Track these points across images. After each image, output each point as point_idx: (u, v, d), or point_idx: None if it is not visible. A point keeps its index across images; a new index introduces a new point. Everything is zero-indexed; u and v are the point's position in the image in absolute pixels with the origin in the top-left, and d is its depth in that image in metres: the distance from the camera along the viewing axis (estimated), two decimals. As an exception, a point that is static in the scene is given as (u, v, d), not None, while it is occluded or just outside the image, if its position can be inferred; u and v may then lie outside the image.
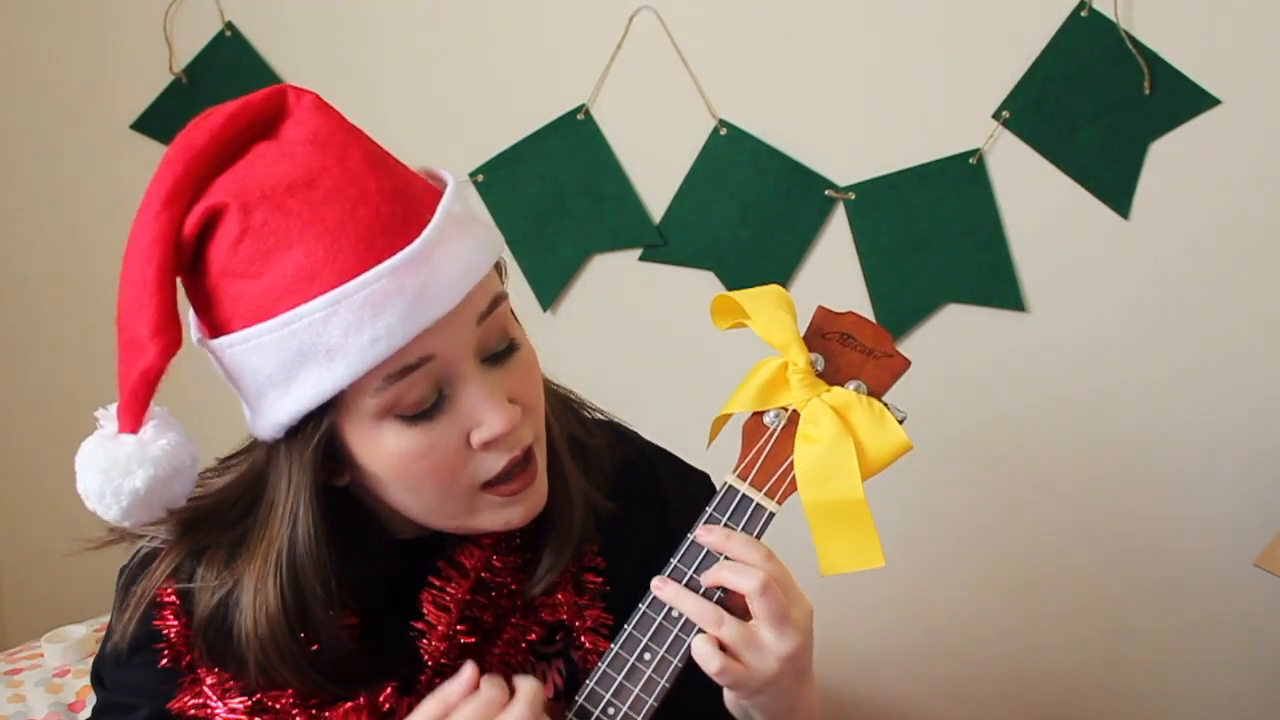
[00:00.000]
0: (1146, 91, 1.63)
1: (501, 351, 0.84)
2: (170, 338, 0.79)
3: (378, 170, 0.80)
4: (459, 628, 0.89)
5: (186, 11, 1.91)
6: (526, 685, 0.84)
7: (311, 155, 0.79)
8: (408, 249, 0.77)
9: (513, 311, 0.88)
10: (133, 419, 0.81)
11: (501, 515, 0.86)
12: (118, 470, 0.80)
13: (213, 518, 0.87)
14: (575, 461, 0.94)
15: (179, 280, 0.81)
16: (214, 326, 0.82)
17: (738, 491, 0.89)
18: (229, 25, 1.89)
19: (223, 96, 0.83)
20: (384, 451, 0.82)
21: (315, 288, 0.76)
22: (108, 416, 0.83)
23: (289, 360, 0.78)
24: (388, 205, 0.78)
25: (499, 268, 0.87)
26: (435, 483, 0.83)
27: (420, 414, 0.81)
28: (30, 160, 2.04)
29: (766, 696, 0.87)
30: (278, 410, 0.80)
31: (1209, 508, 1.72)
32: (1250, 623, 1.73)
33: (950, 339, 1.75)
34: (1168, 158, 1.65)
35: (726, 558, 0.87)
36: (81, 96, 1.99)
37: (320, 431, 0.81)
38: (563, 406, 0.96)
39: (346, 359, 0.77)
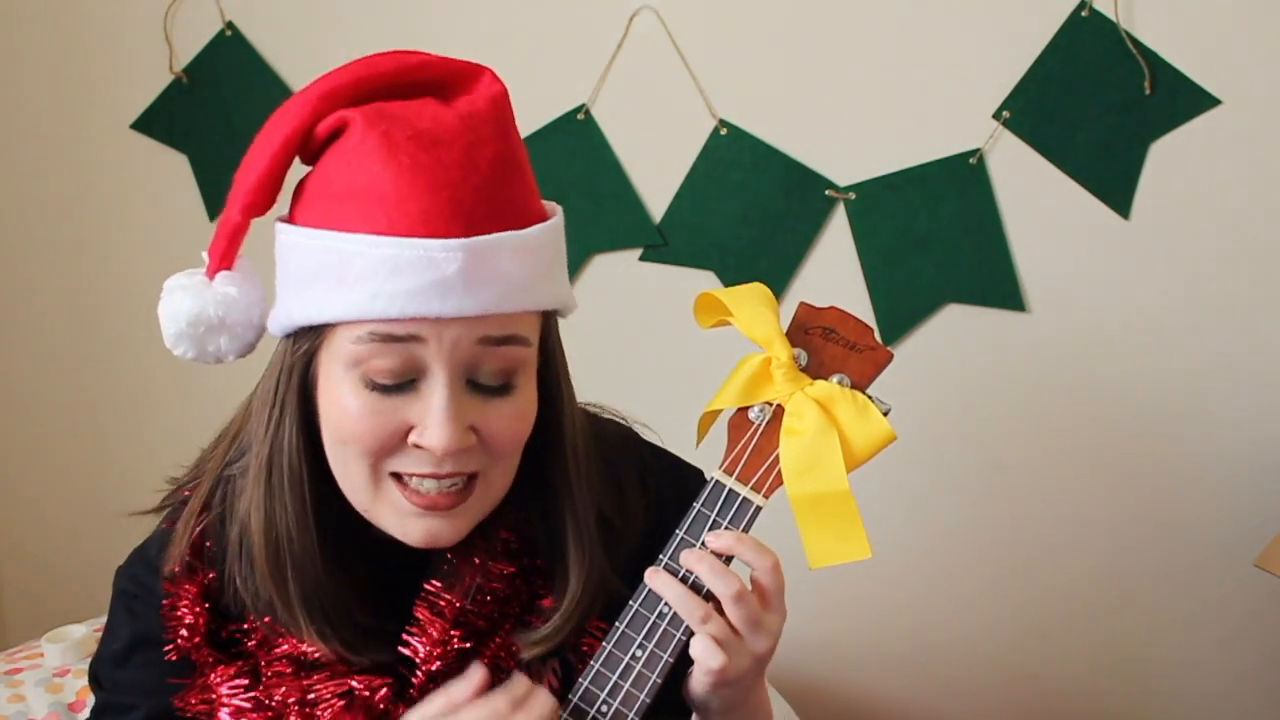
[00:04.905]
0: (1146, 91, 1.63)
1: (493, 387, 0.84)
2: (257, 200, 0.85)
3: (495, 171, 0.81)
4: (454, 633, 0.89)
5: (186, 11, 1.91)
6: (538, 701, 0.84)
7: (455, 125, 0.81)
8: (448, 240, 0.79)
9: (556, 372, 0.90)
10: (212, 263, 0.88)
11: (400, 523, 0.86)
12: (177, 294, 0.88)
13: (238, 435, 0.92)
14: (600, 538, 0.93)
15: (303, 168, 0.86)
16: (290, 214, 0.87)
17: (724, 486, 0.90)
18: (229, 25, 1.89)
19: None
20: (335, 399, 0.83)
21: (364, 225, 0.80)
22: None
23: (308, 271, 0.82)
24: (472, 199, 0.80)
25: (550, 323, 0.88)
26: (359, 450, 0.83)
27: (381, 385, 0.82)
28: (30, 160, 2.04)
29: (731, 689, 0.89)
30: (286, 307, 0.85)
31: (1209, 507, 1.72)
32: (1250, 623, 1.73)
33: (950, 339, 1.75)
34: (1168, 158, 1.65)
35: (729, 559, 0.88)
36: (81, 96, 1.99)
37: (306, 348, 0.84)
38: (606, 485, 0.95)
39: (348, 299, 0.80)
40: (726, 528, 0.89)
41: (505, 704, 0.83)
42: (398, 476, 0.85)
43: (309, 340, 0.84)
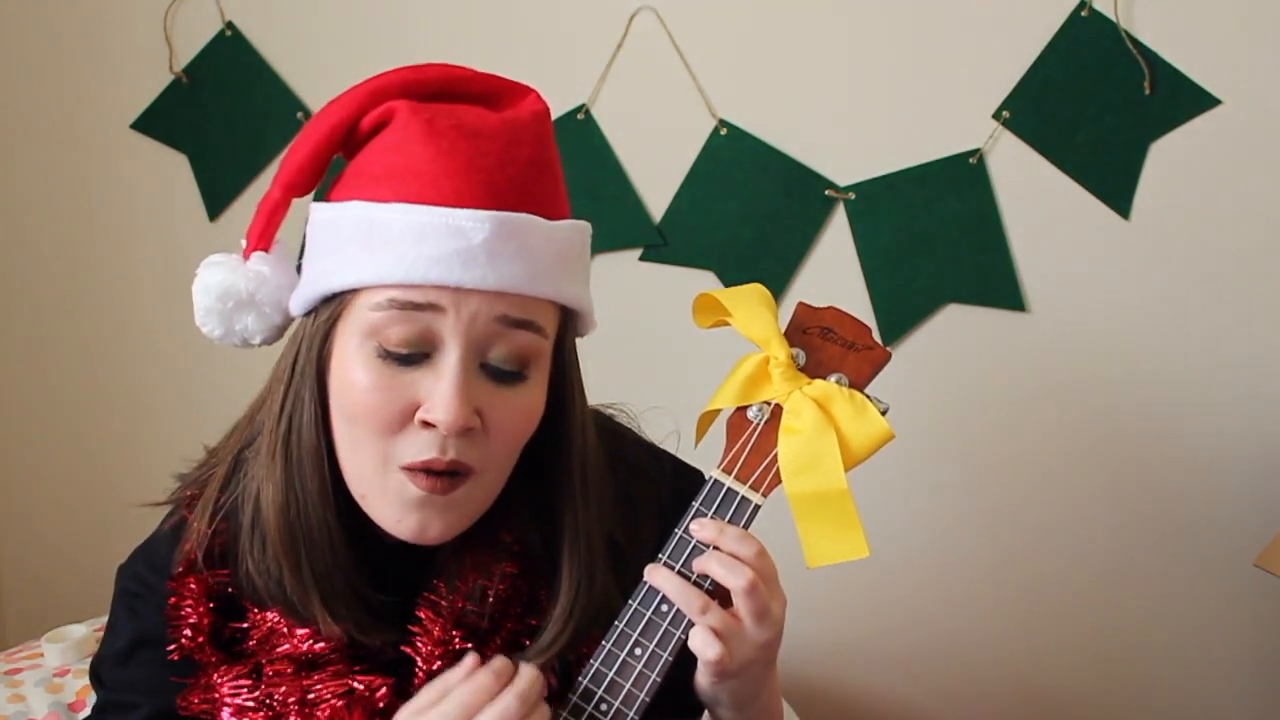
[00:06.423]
0: (1146, 91, 1.63)
1: (505, 372, 0.84)
2: (297, 180, 0.88)
3: (530, 169, 0.84)
4: (455, 633, 0.89)
5: (186, 11, 1.91)
6: (524, 674, 0.85)
7: (497, 125, 0.84)
8: (477, 211, 0.81)
9: (569, 383, 0.90)
10: (249, 243, 0.90)
11: (396, 512, 0.85)
12: (211, 269, 0.89)
13: (254, 420, 0.93)
14: (608, 558, 0.93)
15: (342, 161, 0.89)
16: (326, 197, 0.88)
17: (723, 485, 0.90)
18: (229, 25, 1.89)
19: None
20: (346, 374, 0.84)
21: (397, 197, 0.81)
22: None
23: (337, 240, 0.83)
24: (505, 184, 0.82)
25: (568, 326, 0.89)
26: (368, 429, 0.84)
27: (395, 355, 0.82)
28: (30, 160, 2.04)
29: (738, 681, 0.89)
30: (309, 279, 0.86)
31: (1209, 508, 1.72)
32: (1250, 623, 1.73)
33: (950, 339, 1.75)
34: (1168, 158, 1.65)
35: (718, 549, 0.88)
36: (81, 96, 1.99)
37: (326, 317, 0.85)
38: (620, 508, 0.96)
39: (373, 264, 0.81)
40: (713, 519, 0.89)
41: (490, 679, 0.84)
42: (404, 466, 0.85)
43: (329, 310, 0.85)
